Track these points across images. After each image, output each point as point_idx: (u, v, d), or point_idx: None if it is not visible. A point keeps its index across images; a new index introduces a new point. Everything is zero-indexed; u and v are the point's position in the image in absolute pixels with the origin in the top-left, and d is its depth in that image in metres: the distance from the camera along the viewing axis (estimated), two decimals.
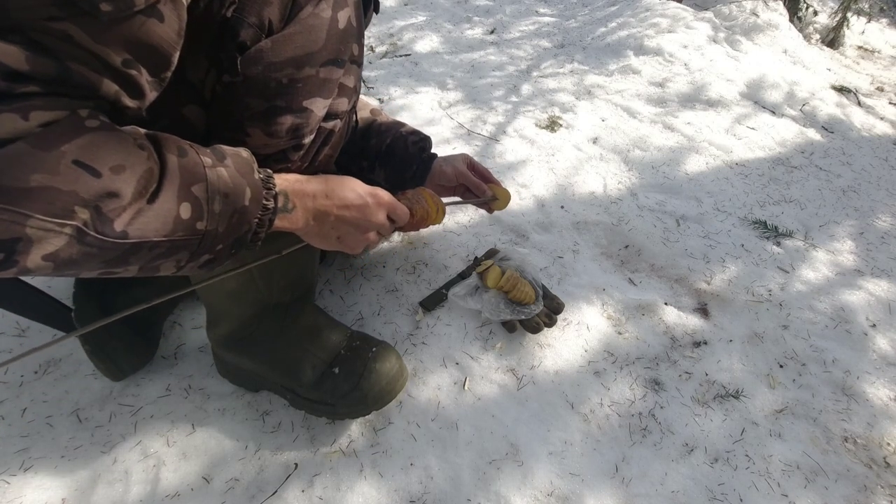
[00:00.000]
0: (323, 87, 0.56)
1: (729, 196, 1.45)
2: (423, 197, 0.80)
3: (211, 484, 0.74)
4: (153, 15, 0.40)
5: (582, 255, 1.18)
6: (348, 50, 0.58)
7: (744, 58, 2.15)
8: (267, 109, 0.53)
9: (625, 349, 0.99)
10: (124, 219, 0.40)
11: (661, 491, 0.80)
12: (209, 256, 0.50)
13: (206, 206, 0.46)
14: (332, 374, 0.77)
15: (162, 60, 0.43)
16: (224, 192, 0.48)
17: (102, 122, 0.40)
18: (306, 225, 0.60)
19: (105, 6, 0.37)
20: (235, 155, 0.51)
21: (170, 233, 0.44)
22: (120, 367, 0.82)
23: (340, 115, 0.63)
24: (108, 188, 0.39)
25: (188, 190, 0.45)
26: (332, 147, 0.66)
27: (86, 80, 0.38)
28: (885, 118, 2.04)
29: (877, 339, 1.09)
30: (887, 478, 0.85)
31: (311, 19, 0.52)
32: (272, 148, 0.57)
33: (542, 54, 2.16)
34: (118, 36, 0.38)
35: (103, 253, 0.41)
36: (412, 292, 1.04)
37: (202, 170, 0.46)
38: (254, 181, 0.51)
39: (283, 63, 0.51)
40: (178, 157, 0.45)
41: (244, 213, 0.50)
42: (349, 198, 0.63)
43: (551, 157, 1.49)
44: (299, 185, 0.58)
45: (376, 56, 2.03)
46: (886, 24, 3.19)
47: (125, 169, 0.40)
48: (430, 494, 0.76)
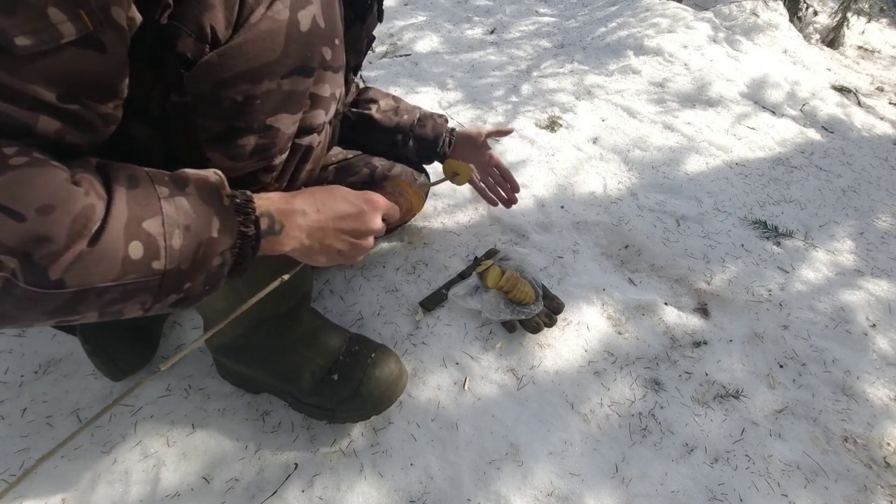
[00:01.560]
0: (288, 101, 0.50)
1: (729, 196, 1.44)
2: (403, 189, 0.81)
3: (211, 484, 0.74)
4: (90, 46, 0.36)
5: (582, 255, 1.18)
6: (317, 55, 0.51)
7: (744, 58, 2.14)
8: (225, 131, 0.48)
9: (625, 349, 0.99)
10: (60, 265, 0.36)
11: (661, 491, 0.80)
12: (177, 296, 0.44)
13: (164, 241, 0.41)
14: (331, 381, 0.77)
15: (108, 91, 0.39)
16: (185, 225, 0.42)
17: (33, 158, 0.36)
18: (301, 245, 0.55)
19: (22, 41, 0.33)
20: (200, 180, 0.45)
21: (118, 276, 0.39)
22: (120, 367, 0.81)
23: (317, 129, 0.57)
24: (35, 232, 0.34)
25: (139, 226, 0.39)
26: (314, 162, 0.61)
27: (13, 120, 0.35)
28: (885, 118, 2.04)
29: (877, 339, 1.09)
30: (887, 478, 0.85)
31: (263, 24, 0.45)
32: (238, 171, 0.51)
33: (542, 54, 2.16)
34: (45, 71, 0.35)
35: (40, 304, 0.37)
36: (412, 292, 1.04)
37: (156, 202, 0.41)
38: (222, 209, 0.45)
39: (235, 78, 0.45)
40: (127, 188, 0.40)
41: (212, 245, 0.44)
42: (342, 208, 0.58)
43: (551, 157, 1.49)
44: (285, 203, 0.53)
45: (376, 56, 2.03)
46: (886, 24, 3.19)
47: (54, 209, 0.35)
48: (430, 494, 0.76)
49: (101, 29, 0.36)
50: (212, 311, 0.73)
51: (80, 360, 0.86)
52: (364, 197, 0.62)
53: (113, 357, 0.81)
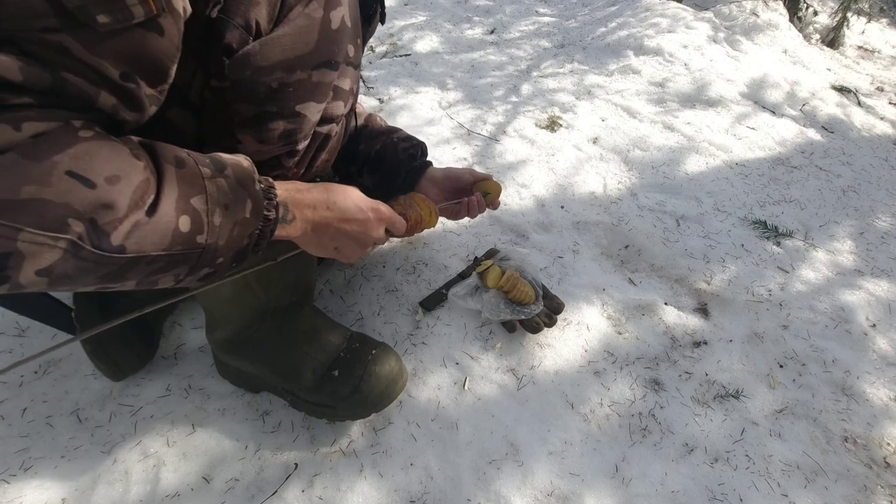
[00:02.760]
0: (316, 91, 0.54)
1: (729, 196, 1.44)
2: (416, 202, 0.80)
3: (211, 484, 0.74)
4: (153, 28, 0.39)
5: (582, 255, 1.18)
6: (342, 51, 0.55)
7: (744, 58, 2.15)
8: (257, 115, 0.51)
9: (625, 349, 0.99)
10: (121, 232, 0.39)
11: (661, 491, 0.80)
12: (209, 270, 0.48)
13: (207, 218, 0.45)
14: (331, 378, 0.77)
15: (160, 73, 0.42)
16: (224, 204, 0.46)
17: (97, 132, 0.39)
18: (304, 234, 0.59)
19: (102, 18, 0.36)
20: (236, 165, 0.49)
21: (168, 247, 0.42)
22: (120, 367, 0.82)
23: (336, 119, 0.61)
24: (102, 199, 0.38)
25: (187, 202, 0.43)
26: (329, 152, 0.64)
27: (81, 92, 0.37)
28: (885, 118, 2.04)
29: (877, 339, 1.09)
30: (887, 478, 0.85)
31: (301, 20, 0.50)
32: (265, 154, 0.55)
33: (542, 54, 2.16)
34: (116, 48, 0.38)
35: (100, 268, 0.40)
36: (412, 292, 1.04)
37: (201, 181, 0.45)
38: (255, 192, 0.50)
39: (272, 67, 0.49)
40: (175, 167, 0.43)
41: (245, 225, 0.49)
42: (350, 211, 0.61)
43: (551, 157, 1.49)
44: (299, 194, 0.57)
45: (376, 56, 2.03)
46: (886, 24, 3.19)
47: (120, 179, 0.39)
48: (430, 494, 0.76)
49: (163, 13, 0.39)
50: (217, 301, 0.73)
51: (80, 360, 0.86)
52: (373, 206, 0.64)
53: (113, 357, 0.81)
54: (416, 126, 1.57)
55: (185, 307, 0.96)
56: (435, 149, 1.48)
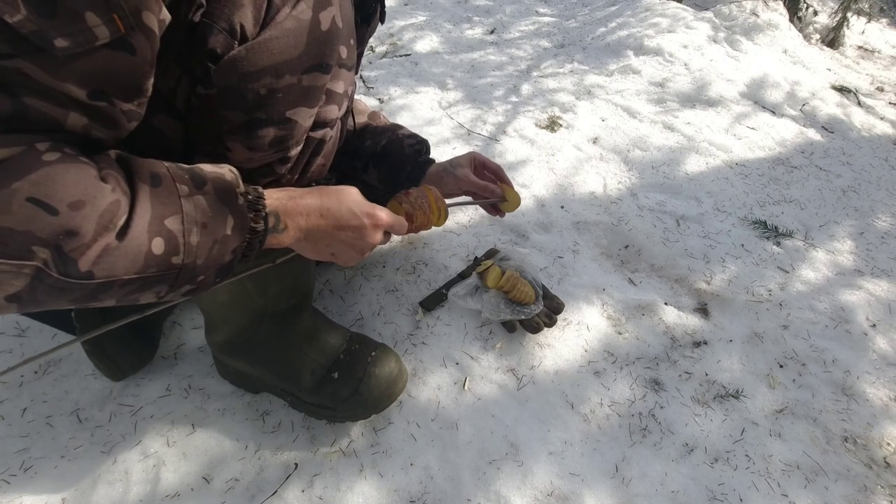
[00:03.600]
0: (307, 96, 0.53)
1: (729, 196, 1.44)
2: (427, 199, 0.77)
3: (211, 484, 0.74)
4: (121, 48, 0.38)
5: (582, 255, 1.18)
6: (334, 53, 0.54)
7: (744, 58, 2.14)
8: (247, 122, 0.50)
9: (625, 349, 0.99)
10: (89, 258, 0.38)
11: (661, 491, 0.80)
12: (190, 287, 0.48)
13: (183, 238, 0.43)
14: (331, 379, 0.77)
15: (134, 90, 0.41)
16: (202, 223, 0.45)
17: (64, 154, 0.38)
18: (298, 242, 0.58)
19: (61, 42, 0.35)
20: (217, 179, 0.47)
21: (141, 270, 0.42)
22: (120, 367, 0.82)
23: (330, 123, 0.59)
24: (66, 226, 0.36)
25: (161, 223, 0.42)
26: (325, 156, 0.63)
27: (46, 116, 0.36)
28: (885, 118, 2.04)
29: (877, 339, 1.09)
30: (887, 478, 0.85)
31: (288, 22, 0.48)
32: (256, 162, 0.54)
33: (542, 54, 2.16)
34: (80, 70, 0.37)
35: (69, 293, 0.39)
36: (412, 292, 1.04)
37: (177, 200, 0.43)
38: (237, 207, 0.48)
39: (259, 72, 0.48)
40: (150, 186, 0.42)
41: (225, 242, 0.47)
42: (345, 217, 0.59)
43: (551, 157, 1.49)
44: (292, 202, 0.55)
45: (376, 56, 2.03)
46: (886, 24, 3.19)
47: (85, 204, 0.37)
48: (430, 494, 0.76)
49: (132, 32, 0.38)
50: (214, 305, 0.73)
51: (80, 360, 0.86)
52: (369, 212, 0.62)
53: (113, 357, 0.81)
54: (417, 126, 1.57)
55: (185, 308, 0.96)
56: (435, 149, 1.47)
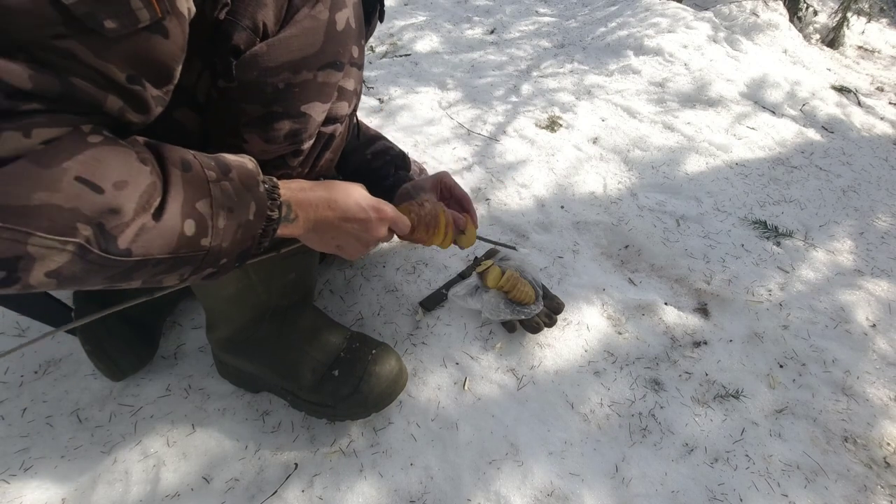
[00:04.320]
0: (321, 91, 0.55)
1: (729, 196, 1.44)
2: (437, 219, 0.75)
3: (211, 484, 0.74)
4: (158, 31, 0.40)
5: (582, 255, 1.18)
6: (347, 52, 0.56)
7: (744, 58, 2.14)
8: (264, 115, 0.52)
9: (625, 349, 0.99)
10: (128, 236, 0.40)
11: (661, 491, 0.80)
12: (212, 270, 0.49)
13: (211, 222, 0.46)
14: (331, 377, 0.77)
15: (166, 75, 0.43)
16: (229, 207, 0.47)
17: (105, 137, 0.40)
18: (306, 233, 0.59)
19: (109, 23, 0.36)
20: (240, 167, 0.50)
21: (174, 250, 0.44)
22: (120, 367, 0.82)
23: (340, 119, 0.62)
24: (110, 204, 0.38)
25: (192, 206, 0.44)
26: (334, 151, 0.65)
27: (89, 97, 0.38)
28: (885, 118, 2.04)
29: (877, 339, 1.09)
30: (887, 478, 0.85)
31: (307, 21, 0.51)
32: (271, 154, 0.56)
33: (542, 54, 2.16)
34: (122, 53, 0.38)
35: (106, 270, 0.41)
36: (412, 292, 1.04)
37: (206, 185, 0.46)
38: (259, 194, 0.50)
39: (279, 67, 0.50)
40: (181, 171, 0.44)
41: (248, 227, 0.50)
42: (352, 210, 0.61)
43: (551, 157, 1.49)
44: (302, 193, 0.57)
45: (376, 56, 2.03)
46: (886, 24, 3.19)
47: (128, 185, 0.39)
48: (430, 494, 0.76)
49: (168, 16, 0.40)
50: (218, 300, 0.74)
51: (80, 360, 0.86)
52: (375, 205, 0.64)
53: (113, 357, 0.81)
54: (416, 126, 1.57)
55: (185, 307, 0.96)
56: (435, 149, 1.48)
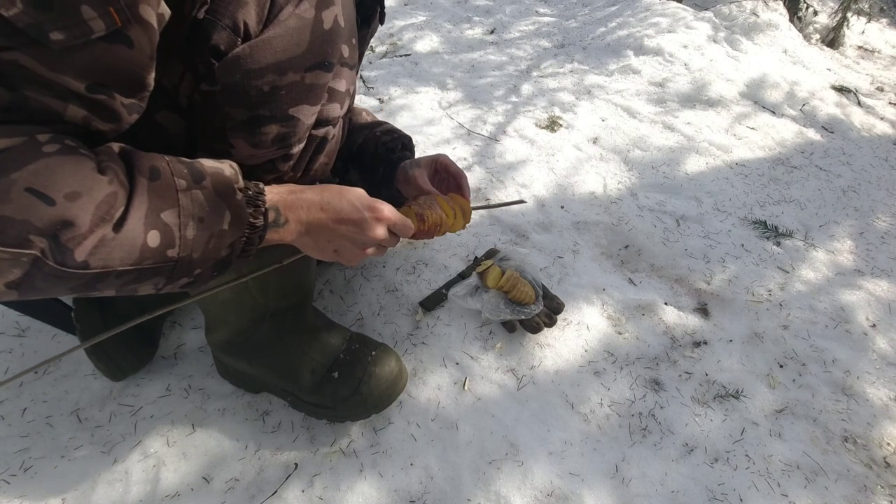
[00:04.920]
0: (310, 94, 0.53)
1: (729, 196, 1.44)
2: (437, 202, 0.74)
3: (211, 484, 0.74)
4: (119, 41, 0.38)
5: (582, 255, 1.18)
6: (336, 52, 0.54)
7: (744, 58, 2.14)
8: (249, 119, 0.51)
9: (625, 349, 0.99)
10: (85, 248, 0.39)
11: (661, 491, 0.80)
12: (187, 280, 0.48)
13: (178, 232, 0.44)
14: (331, 379, 0.77)
15: (135, 83, 0.42)
16: (199, 217, 0.46)
17: (64, 146, 0.38)
18: (300, 237, 0.58)
19: (57, 35, 0.35)
20: (216, 174, 0.48)
21: (136, 262, 0.42)
22: (120, 367, 0.82)
23: (332, 122, 0.60)
24: (62, 216, 0.37)
25: (157, 217, 0.43)
26: (328, 155, 0.63)
27: (44, 107, 0.37)
28: (885, 118, 2.04)
29: (877, 339, 1.09)
30: (887, 478, 0.85)
31: (292, 20, 0.49)
32: (259, 158, 0.54)
33: (542, 54, 2.16)
34: (78, 63, 0.37)
35: (66, 281, 0.40)
36: (412, 292, 1.04)
37: (174, 194, 0.44)
38: (235, 203, 0.49)
39: (263, 69, 0.48)
40: (149, 180, 0.43)
41: (222, 237, 0.48)
42: (345, 211, 0.59)
43: (551, 157, 1.49)
44: (293, 196, 0.56)
45: (376, 56, 2.03)
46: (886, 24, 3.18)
47: (81, 196, 0.38)
48: (430, 494, 0.76)
49: (129, 25, 0.38)
50: (215, 304, 0.73)
51: (80, 360, 0.86)
52: (370, 205, 0.61)
53: (113, 357, 0.81)
54: (416, 126, 1.57)
55: (185, 308, 0.96)
56: (435, 149, 1.47)
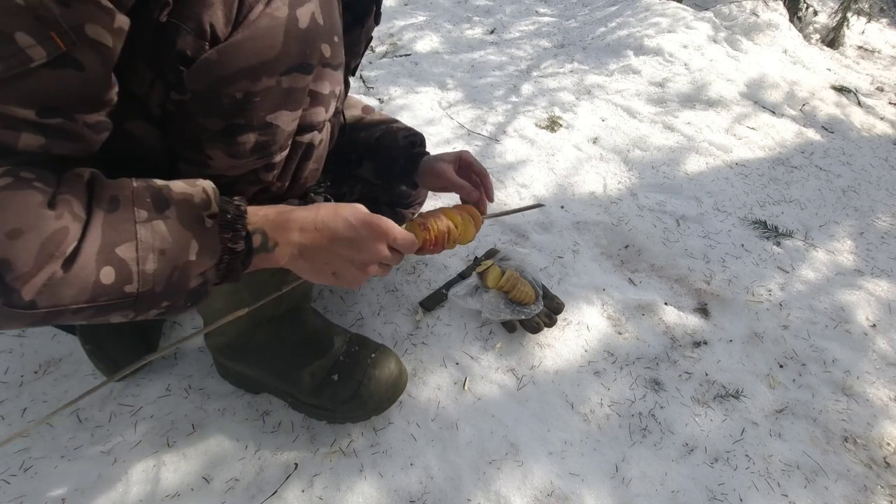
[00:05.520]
0: (288, 99, 0.50)
1: (729, 196, 1.44)
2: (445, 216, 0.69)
3: (211, 484, 0.74)
4: (65, 65, 0.36)
5: (582, 255, 1.18)
6: (316, 52, 0.50)
7: (744, 58, 2.14)
8: (225, 129, 0.48)
9: (625, 349, 0.99)
10: (32, 287, 0.37)
11: (661, 491, 0.79)
12: (158, 311, 0.46)
13: (136, 266, 0.41)
14: (331, 382, 0.77)
15: (92, 103, 0.40)
16: (160, 249, 0.43)
17: (17, 179, 0.37)
18: (293, 260, 0.54)
19: None
20: (183, 202, 0.45)
21: (90, 300, 0.40)
22: (120, 367, 0.81)
23: (317, 126, 0.56)
24: (3, 256, 0.36)
25: (112, 252, 0.40)
26: (316, 160, 0.60)
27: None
28: (885, 118, 2.04)
29: (877, 339, 1.09)
30: (887, 478, 0.85)
31: (263, 21, 0.45)
32: (239, 169, 0.51)
33: (542, 54, 2.16)
34: (20, 92, 0.36)
35: (20, 319, 0.38)
36: (412, 292, 1.04)
37: (132, 226, 0.41)
38: (203, 231, 0.45)
39: (234, 76, 0.45)
40: (106, 211, 0.40)
41: (188, 268, 0.45)
42: (341, 230, 0.54)
43: (551, 157, 1.49)
44: (282, 217, 0.52)
45: (376, 56, 2.03)
46: (886, 24, 3.19)
47: (23, 233, 0.36)
48: (430, 494, 0.76)
49: (76, 48, 0.36)
50: (211, 310, 0.73)
51: (80, 360, 0.86)
52: (367, 222, 0.56)
53: (113, 357, 0.81)
54: (417, 126, 1.56)
55: None
56: (435, 149, 1.46)
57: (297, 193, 0.61)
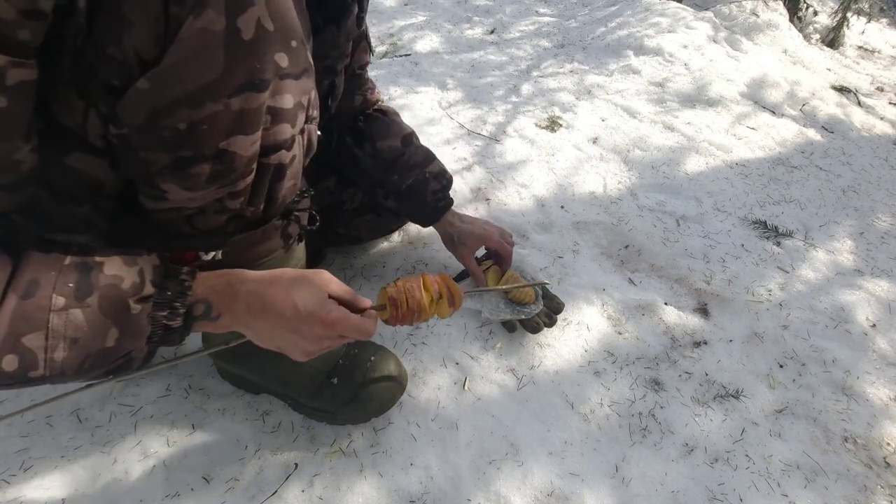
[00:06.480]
0: (242, 122, 0.44)
1: (729, 196, 1.44)
2: (419, 285, 0.60)
3: (211, 484, 0.74)
4: None
5: (582, 255, 1.18)
6: (269, 65, 0.44)
7: (744, 57, 2.15)
8: (174, 162, 0.43)
9: (625, 349, 0.99)
10: None
11: (661, 491, 0.79)
12: (80, 385, 0.45)
13: (44, 355, 0.40)
14: (330, 385, 0.77)
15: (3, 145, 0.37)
16: (72, 338, 0.40)
17: None
18: (237, 329, 0.51)
19: None
20: (108, 288, 0.42)
21: None
22: None
23: (284, 145, 0.51)
24: None
25: (17, 341, 0.38)
26: (292, 177, 0.56)
27: None
28: (885, 118, 2.04)
29: (877, 339, 1.09)
30: (887, 478, 0.85)
31: (196, 39, 0.39)
32: (200, 201, 0.47)
33: (542, 54, 2.16)
34: None
35: None
36: None
37: (46, 314, 0.39)
38: (128, 319, 0.43)
39: (172, 105, 0.40)
40: (20, 298, 0.38)
41: (103, 355, 0.43)
42: (287, 315, 0.49)
43: (551, 157, 1.49)
44: (230, 290, 0.49)
45: (376, 56, 2.03)
46: (886, 24, 3.19)
47: None
48: (430, 494, 0.76)
49: None
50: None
51: None
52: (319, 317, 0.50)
53: None
54: (417, 126, 1.56)
55: None
56: (435, 149, 1.46)
57: (276, 213, 0.58)
